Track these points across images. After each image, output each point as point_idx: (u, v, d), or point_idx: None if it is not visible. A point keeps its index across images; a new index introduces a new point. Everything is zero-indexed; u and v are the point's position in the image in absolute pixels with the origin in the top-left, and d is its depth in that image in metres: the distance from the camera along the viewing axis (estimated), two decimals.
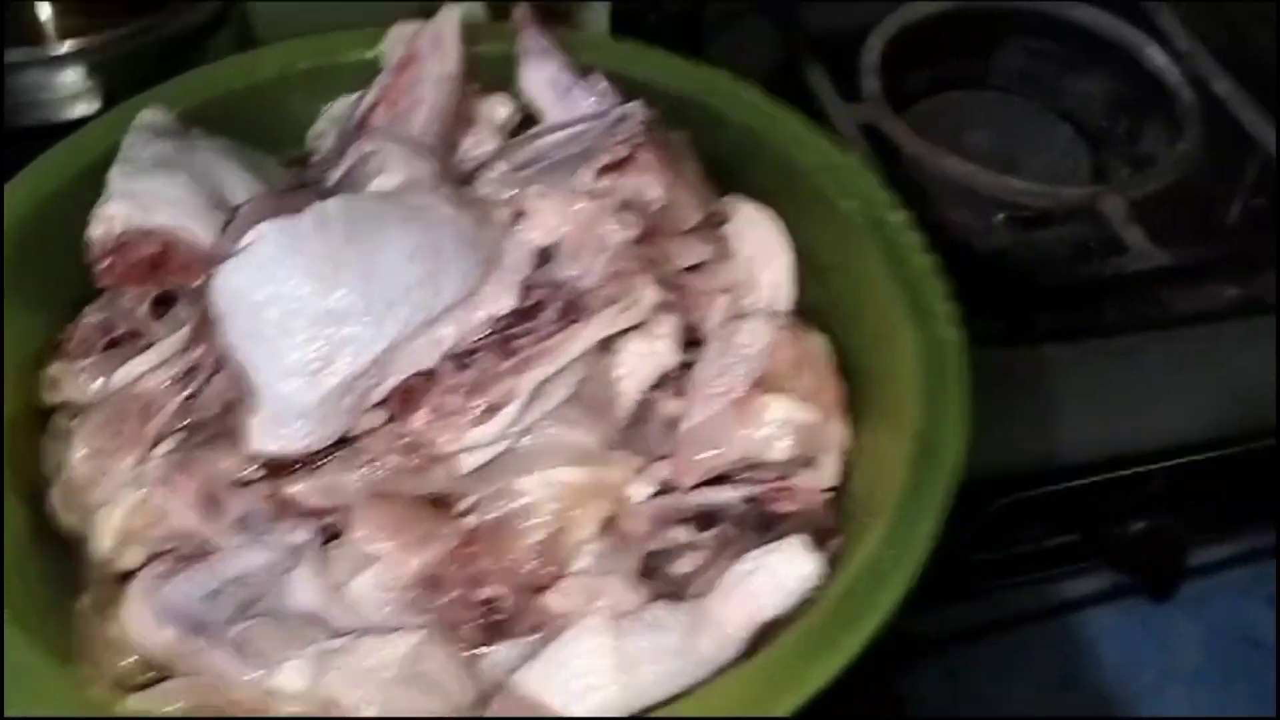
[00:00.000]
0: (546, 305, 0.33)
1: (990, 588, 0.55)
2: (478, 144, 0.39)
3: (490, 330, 0.33)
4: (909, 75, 0.64)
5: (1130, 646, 1.09)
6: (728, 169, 0.40)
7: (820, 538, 0.33)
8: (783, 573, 0.31)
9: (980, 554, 0.54)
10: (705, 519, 0.34)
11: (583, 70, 0.40)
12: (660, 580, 0.33)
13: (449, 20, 0.40)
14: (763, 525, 0.35)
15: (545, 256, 0.34)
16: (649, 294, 0.34)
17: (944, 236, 0.55)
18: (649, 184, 0.36)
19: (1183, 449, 0.52)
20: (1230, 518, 0.58)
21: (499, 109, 0.40)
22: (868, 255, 0.36)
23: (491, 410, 0.32)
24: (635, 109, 0.38)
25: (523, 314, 0.33)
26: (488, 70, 0.42)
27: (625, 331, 0.34)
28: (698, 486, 0.35)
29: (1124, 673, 1.07)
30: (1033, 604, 1.09)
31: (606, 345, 0.34)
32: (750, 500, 0.35)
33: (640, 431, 0.35)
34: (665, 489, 0.34)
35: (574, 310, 0.33)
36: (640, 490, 0.34)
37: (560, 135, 0.38)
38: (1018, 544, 0.54)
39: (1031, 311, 0.53)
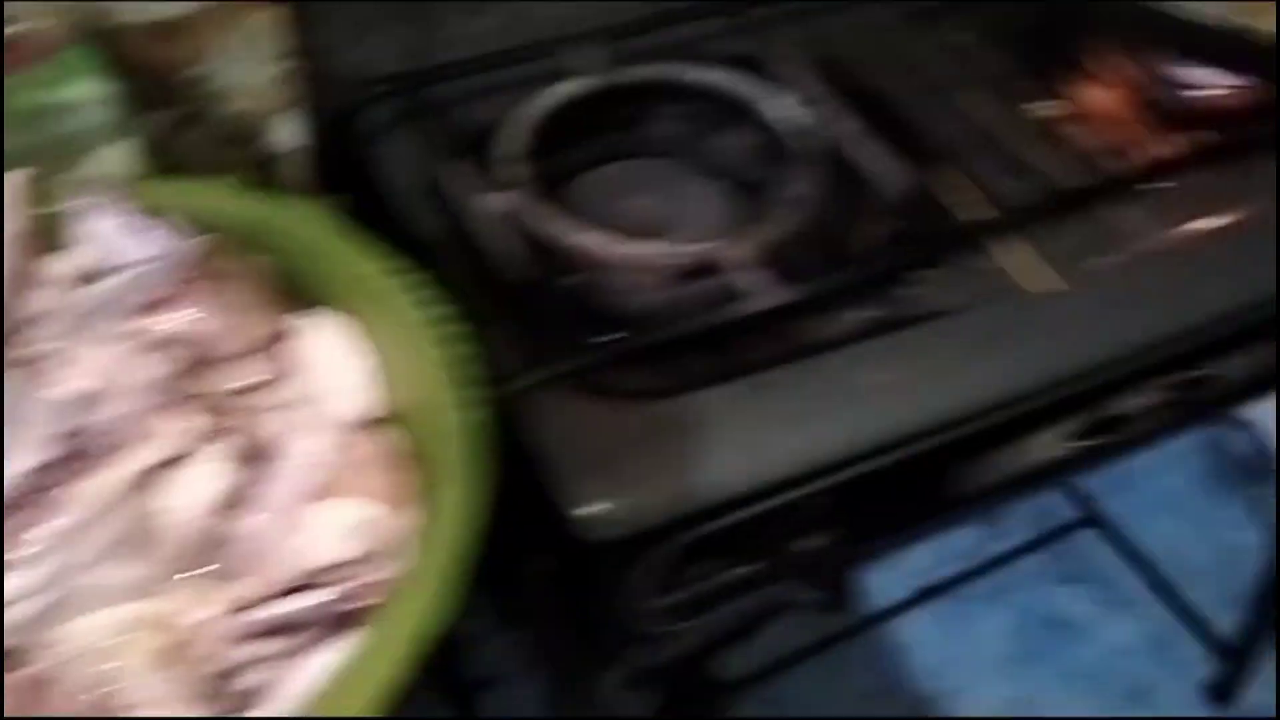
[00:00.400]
0: (80, 452, 0.35)
1: (682, 629, 0.57)
2: (43, 299, 0.41)
3: (30, 486, 0.34)
4: (567, 153, 0.67)
5: (941, 646, 1.14)
6: (303, 288, 0.42)
7: None
8: (312, 670, 0.33)
9: (667, 597, 0.56)
10: (281, 629, 0.36)
11: (148, 213, 0.42)
12: (227, 698, 0.35)
13: (13, 183, 0.42)
14: (341, 623, 0.36)
15: (88, 402, 0.36)
16: (192, 423, 0.36)
17: (595, 302, 0.59)
18: (196, 317, 0.38)
19: (835, 466, 0.56)
20: (898, 521, 0.61)
21: (64, 263, 0.42)
22: (417, 351, 0.39)
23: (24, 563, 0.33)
24: (188, 246, 0.40)
25: (61, 462, 0.35)
26: (55, 225, 0.43)
27: (175, 460, 0.36)
28: (274, 597, 0.36)
29: (938, 671, 1.12)
30: (841, 622, 1.13)
31: (154, 476, 0.36)
32: (326, 603, 0.36)
33: (211, 553, 0.37)
34: (240, 606, 0.36)
35: (103, 452, 0.34)
36: (204, 614, 0.35)
37: (119, 280, 0.40)
38: (703, 581, 0.57)
39: (681, 362, 0.57)
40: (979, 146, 0.67)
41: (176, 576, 0.35)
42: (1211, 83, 0.69)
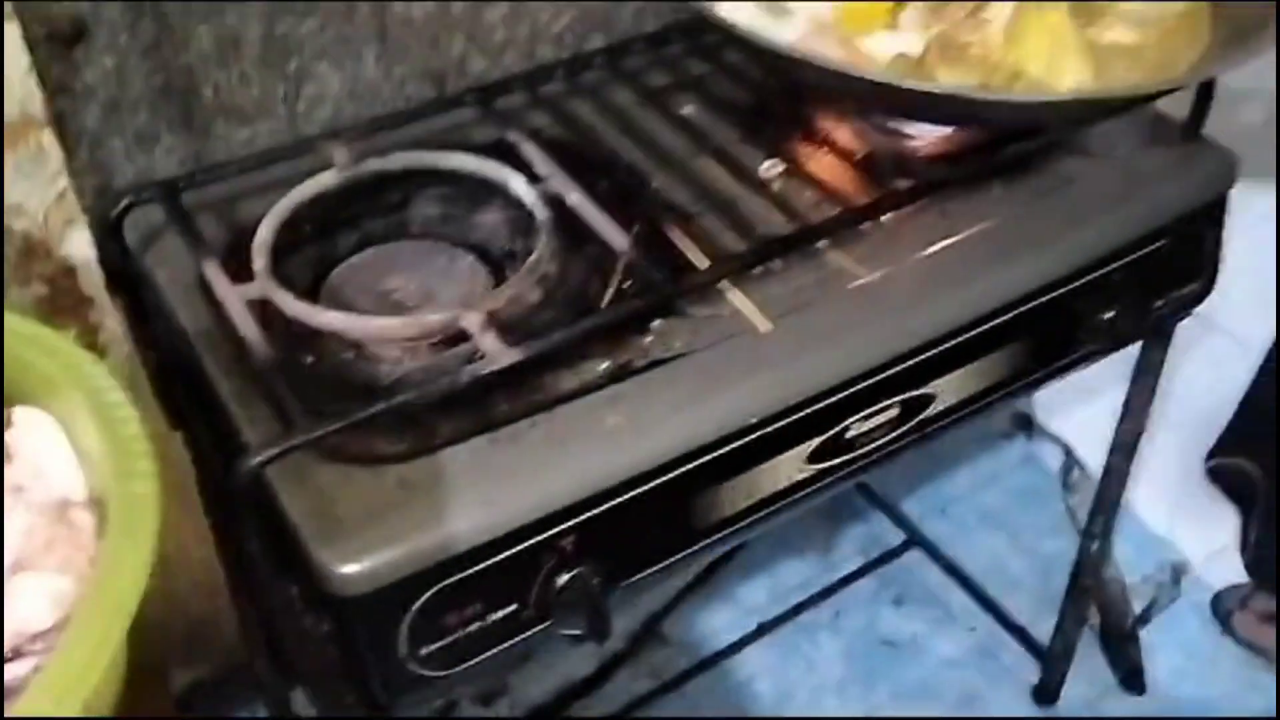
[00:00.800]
0: None
1: (452, 674, 0.61)
2: None
3: None
4: (332, 240, 0.72)
5: (782, 674, 1.19)
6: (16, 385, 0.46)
7: None
8: None
9: (430, 646, 0.60)
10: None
11: None
12: None
13: None
14: None
15: None
16: None
17: (346, 375, 0.64)
18: None
19: (572, 509, 0.61)
20: (651, 553, 0.66)
21: None
22: (107, 435, 0.43)
23: None
24: None
25: None
26: None
27: None
28: None
29: (780, 700, 1.17)
30: (688, 659, 1.18)
31: None
32: (32, 671, 0.40)
33: None
34: None
35: None
36: None
37: None
38: (463, 627, 0.61)
39: (426, 424, 0.62)
40: (708, 206, 0.74)
41: None
42: (922, 134, 0.76)
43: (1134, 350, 0.91)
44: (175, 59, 0.77)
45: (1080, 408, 1.37)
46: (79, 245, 0.78)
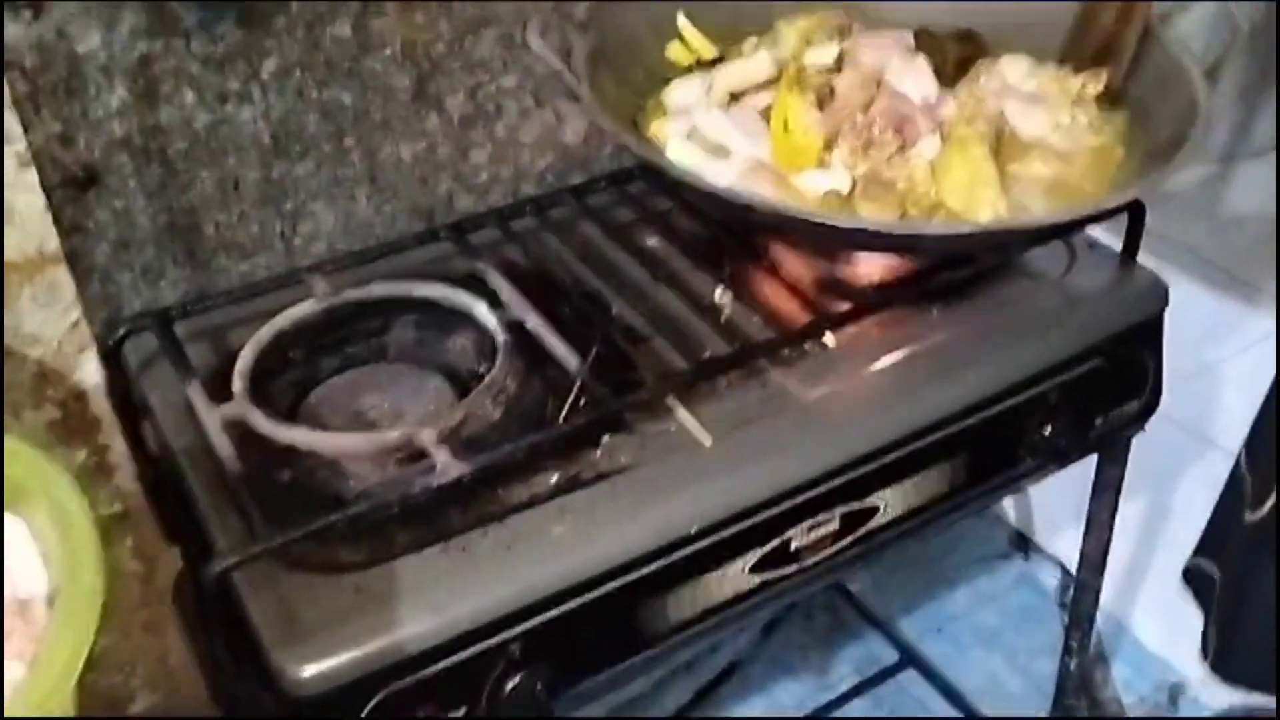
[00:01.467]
0: None
1: None
2: None
3: None
4: (311, 364, 0.78)
5: None
6: None
7: None
8: None
9: None
10: None
11: None
12: None
13: None
14: None
15: None
16: None
17: (314, 488, 0.69)
18: None
19: (518, 615, 0.64)
20: (599, 659, 0.69)
21: None
22: (57, 537, 0.48)
23: None
24: None
25: None
26: None
27: None
28: None
29: None
30: None
31: None
32: None
33: None
34: None
35: None
36: None
37: None
38: None
39: (384, 534, 0.66)
40: (662, 329, 0.79)
41: None
42: (864, 260, 0.82)
43: (1134, 469, 0.93)
44: (179, 200, 0.84)
45: (1077, 528, 1.38)
46: (90, 371, 0.84)
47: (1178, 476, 1.26)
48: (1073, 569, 1.38)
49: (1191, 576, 1.17)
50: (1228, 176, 1.27)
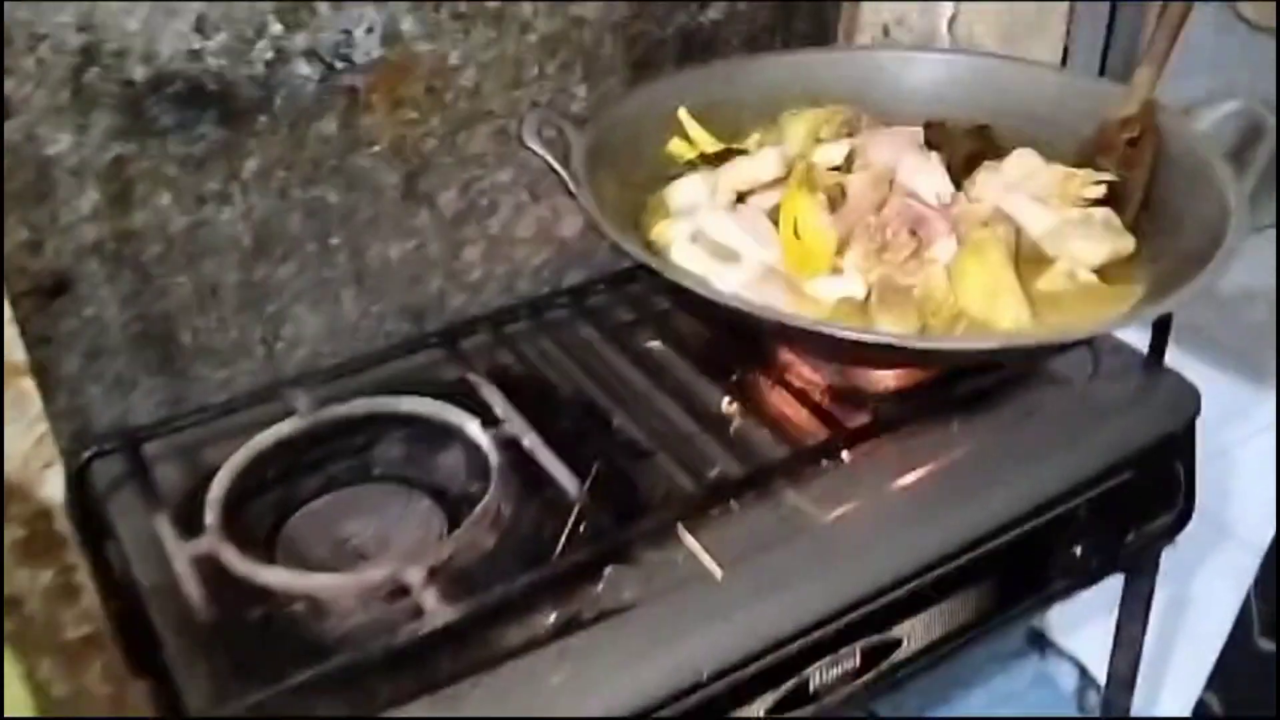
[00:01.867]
0: None
1: None
2: None
3: None
4: (290, 487, 0.73)
5: None
6: None
7: None
8: None
9: None
10: None
11: None
12: None
13: None
14: None
15: None
16: None
17: (290, 632, 0.63)
18: None
19: None
20: None
21: None
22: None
23: None
24: None
25: None
26: None
27: None
28: None
29: None
30: None
31: None
32: None
33: None
34: None
35: None
36: None
37: None
38: None
39: (367, 685, 0.60)
40: (666, 444, 0.74)
41: None
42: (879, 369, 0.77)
43: None
44: (154, 307, 0.79)
45: (1094, 625, 1.32)
46: (56, 488, 0.79)
47: (1196, 565, 1.21)
48: (1090, 668, 1.32)
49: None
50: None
